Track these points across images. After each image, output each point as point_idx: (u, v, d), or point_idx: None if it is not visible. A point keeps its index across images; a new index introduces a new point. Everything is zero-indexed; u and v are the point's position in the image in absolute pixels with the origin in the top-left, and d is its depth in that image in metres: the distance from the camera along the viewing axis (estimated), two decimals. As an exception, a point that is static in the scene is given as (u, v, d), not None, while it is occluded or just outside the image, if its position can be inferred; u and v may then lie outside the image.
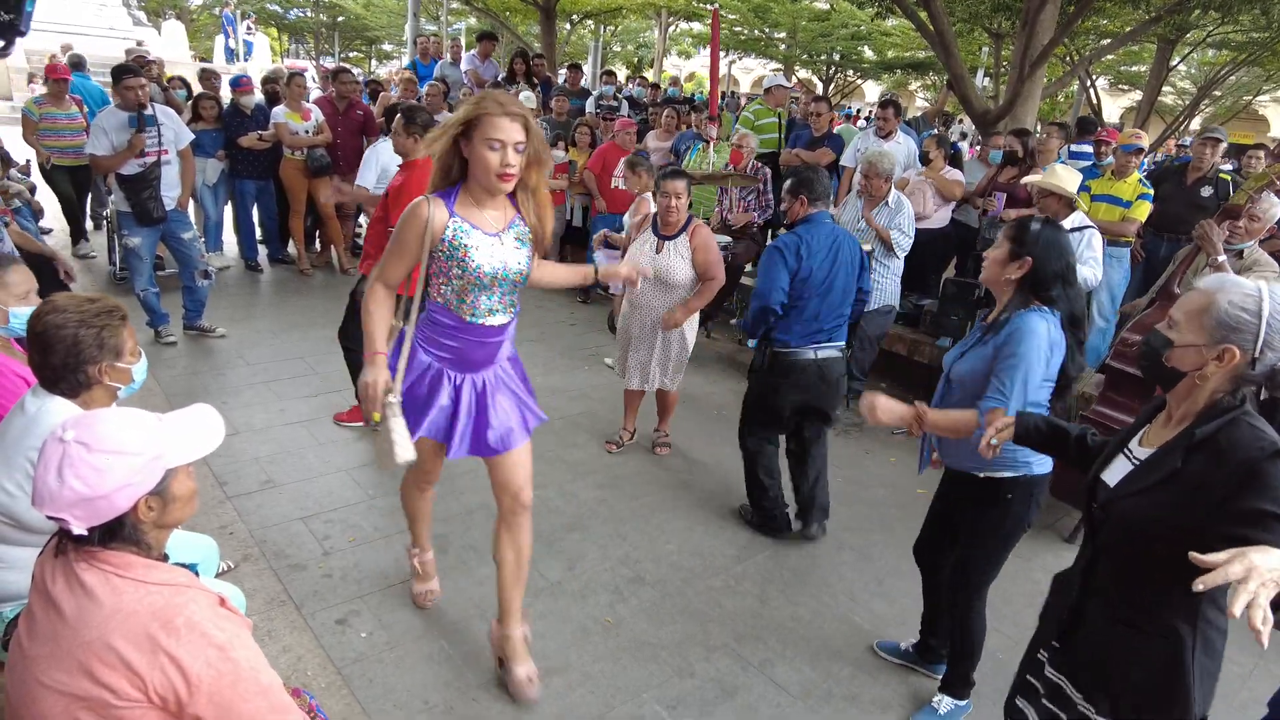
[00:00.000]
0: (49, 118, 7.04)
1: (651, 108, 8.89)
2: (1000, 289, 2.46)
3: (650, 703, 2.71)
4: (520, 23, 17.58)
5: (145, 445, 1.39)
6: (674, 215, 4.15)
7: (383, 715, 2.56)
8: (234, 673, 1.34)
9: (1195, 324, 1.59)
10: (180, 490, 1.44)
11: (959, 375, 2.48)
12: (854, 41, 20.55)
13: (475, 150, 2.26)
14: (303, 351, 5.55)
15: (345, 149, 7.15)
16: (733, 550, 3.68)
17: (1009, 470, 2.47)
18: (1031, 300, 2.38)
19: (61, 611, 1.32)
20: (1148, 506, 1.60)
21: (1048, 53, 7.19)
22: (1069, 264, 2.38)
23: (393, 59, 30.54)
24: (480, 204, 2.39)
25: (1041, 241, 2.35)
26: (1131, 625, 1.68)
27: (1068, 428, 1.98)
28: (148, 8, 23.64)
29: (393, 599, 3.10)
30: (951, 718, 2.78)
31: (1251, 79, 17.36)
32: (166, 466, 1.41)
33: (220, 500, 3.66)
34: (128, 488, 1.35)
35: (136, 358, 2.17)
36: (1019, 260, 2.37)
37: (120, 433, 1.37)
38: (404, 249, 2.36)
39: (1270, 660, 3.29)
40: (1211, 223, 3.79)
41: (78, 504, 1.31)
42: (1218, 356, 1.56)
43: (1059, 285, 2.36)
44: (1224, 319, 1.55)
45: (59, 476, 1.31)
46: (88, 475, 1.31)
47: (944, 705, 2.79)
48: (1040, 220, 2.43)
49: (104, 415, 1.40)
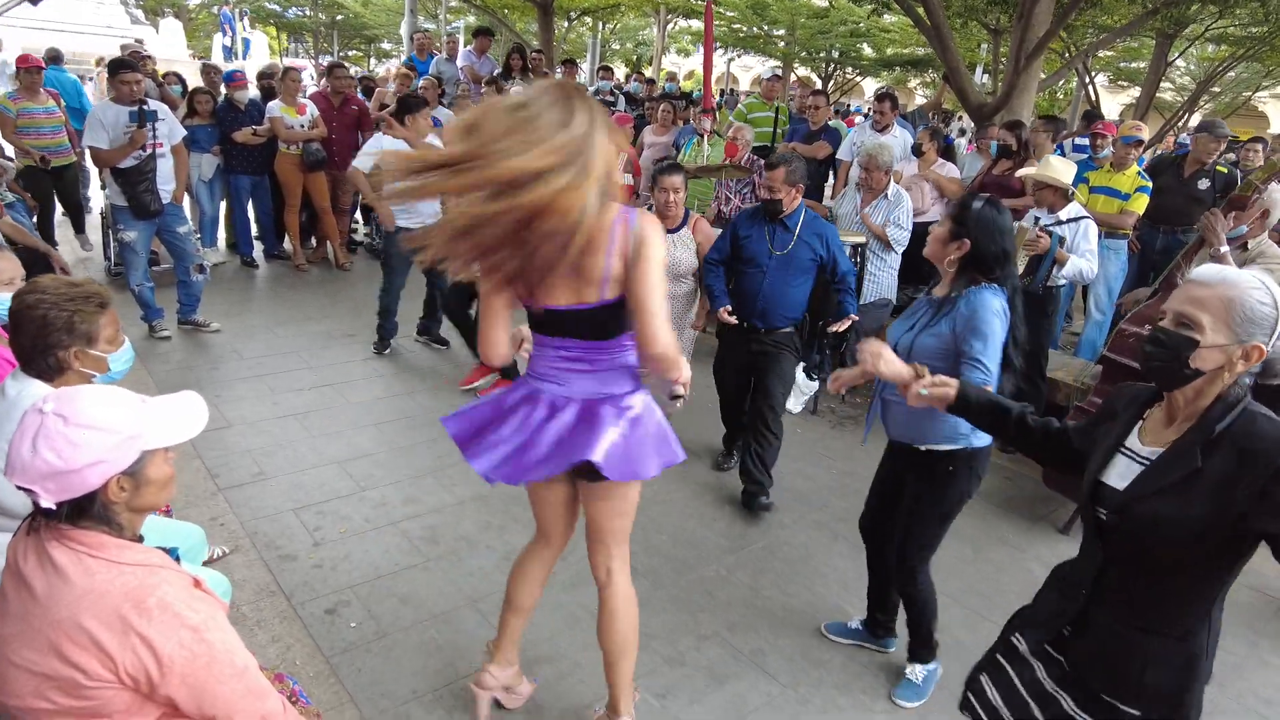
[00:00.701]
0: (26, 113, 6.58)
1: (648, 103, 8.88)
2: (943, 267, 2.50)
3: (641, 691, 2.70)
4: (518, 20, 17.55)
5: (123, 424, 1.37)
6: (673, 210, 4.16)
7: (371, 704, 2.55)
8: (208, 654, 1.33)
9: (1222, 323, 1.52)
10: (155, 474, 1.43)
11: (908, 349, 2.49)
12: (853, 38, 20.51)
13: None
14: (297, 346, 5.54)
15: (340, 144, 7.15)
16: (725, 541, 3.67)
17: (950, 443, 2.50)
18: (979, 279, 2.43)
19: (33, 590, 1.31)
20: (1172, 508, 1.53)
21: (1043, 45, 7.18)
22: (1006, 247, 2.43)
23: (391, 57, 30.50)
24: None
25: (980, 223, 2.39)
26: (1150, 630, 1.62)
27: (1008, 405, 1.93)
28: (146, 6, 23.64)
29: (382, 590, 3.09)
30: (929, 683, 2.84)
31: (1251, 74, 17.31)
32: (143, 448, 1.40)
33: (212, 492, 3.66)
34: (100, 465, 1.33)
35: (115, 346, 2.13)
36: (958, 241, 2.42)
37: (99, 409, 1.36)
38: None
39: (1264, 650, 3.28)
40: (1217, 213, 3.77)
41: (49, 476, 1.30)
42: (1244, 354, 1.51)
43: (1000, 266, 2.41)
44: (1251, 315, 1.49)
45: (33, 447, 1.30)
46: (62, 448, 1.30)
47: (919, 674, 2.84)
48: (982, 200, 2.45)
49: (86, 391, 1.39)
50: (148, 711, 1.33)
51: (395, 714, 2.52)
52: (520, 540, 3.47)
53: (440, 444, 4.23)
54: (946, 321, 2.43)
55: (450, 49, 10.03)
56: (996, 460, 4.75)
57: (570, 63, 10.01)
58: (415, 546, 3.39)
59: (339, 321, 6.11)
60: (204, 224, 7.15)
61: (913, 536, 2.68)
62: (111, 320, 2.12)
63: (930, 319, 2.49)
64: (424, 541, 3.42)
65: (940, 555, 3.51)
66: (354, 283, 7.22)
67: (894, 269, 5.36)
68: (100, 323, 2.06)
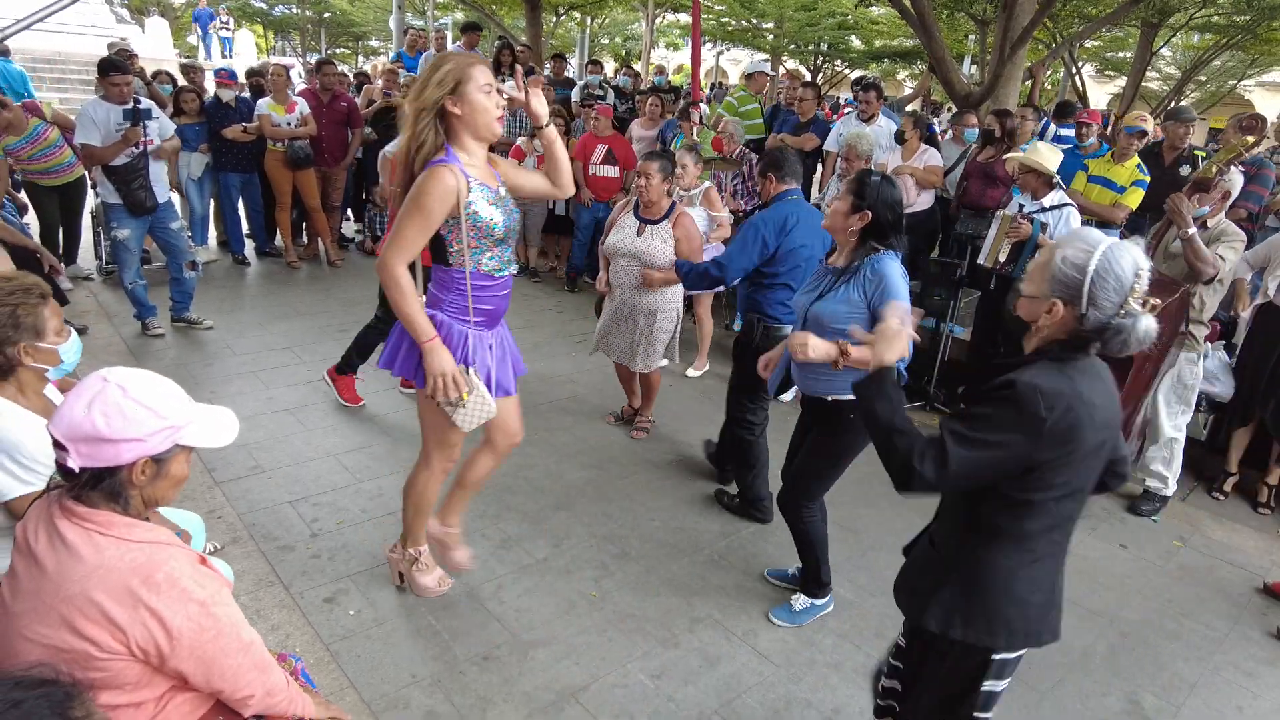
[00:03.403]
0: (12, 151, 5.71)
1: (636, 96, 8.90)
2: (844, 238, 2.73)
3: (635, 673, 2.76)
4: (506, 15, 17.52)
5: (172, 412, 1.45)
6: (645, 195, 4.07)
7: (370, 689, 2.59)
8: (215, 628, 1.38)
9: (1037, 277, 1.65)
10: (176, 470, 1.49)
11: (818, 315, 2.70)
12: (841, 31, 20.55)
13: (470, 102, 2.36)
14: (290, 342, 5.57)
15: (329, 140, 7.16)
16: (718, 526, 3.72)
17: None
18: (877, 247, 2.65)
19: (44, 567, 1.35)
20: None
21: (1028, 35, 7.24)
22: (899, 214, 2.68)
23: (380, 54, 30.43)
24: (475, 161, 2.47)
25: (880, 195, 2.62)
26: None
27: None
28: (131, 5, 23.48)
29: (380, 578, 3.13)
30: (807, 614, 3.10)
31: (1236, 63, 17.46)
32: (178, 441, 1.47)
33: (209, 486, 3.69)
34: (138, 443, 1.40)
35: (62, 337, 2.09)
36: (859, 213, 2.63)
37: (157, 391, 1.44)
38: (429, 219, 2.37)
39: (1244, 624, 3.36)
40: (1182, 196, 3.84)
41: (90, 439, 1.36)
42: (1048, 310, 1.61)
43: (895, 233, 2.67)
44: (1056, 274, 1.60)
45: (87, 408, 1.36)
46: (113, 416, 1.36)
47: (799, 602, 3.11)
48: (878, 175, 2.67)
49: (146, 374, 1.47)
50: (157, 684, 1.38)
51: (395, 698, 2.57)
52: (514, 529, 3.53)
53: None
54: (854, 287, 2.64)
55: (439, 45, 10.03)
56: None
57: (559, 57, 10.02)
58: (412, 536, 3.43)
59: (332, 317, 6.13)
60: (194, 222, 7.14)
61: (805, 472, 2.97)
62: (55, 311, 2.08)
63: (833, 286, 2.70)
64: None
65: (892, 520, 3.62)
66: (345, 279, 7.24)
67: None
68: (44, 314, 2.02)
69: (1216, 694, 2.93)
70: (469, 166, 2.43)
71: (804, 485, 2.98)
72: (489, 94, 2.38)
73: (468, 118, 2.38)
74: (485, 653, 2.78)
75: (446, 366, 2.46)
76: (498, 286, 2.60)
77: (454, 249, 2.47)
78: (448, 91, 2.35)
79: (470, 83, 2.34)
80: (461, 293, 2.53)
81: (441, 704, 2.56)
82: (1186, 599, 3.49)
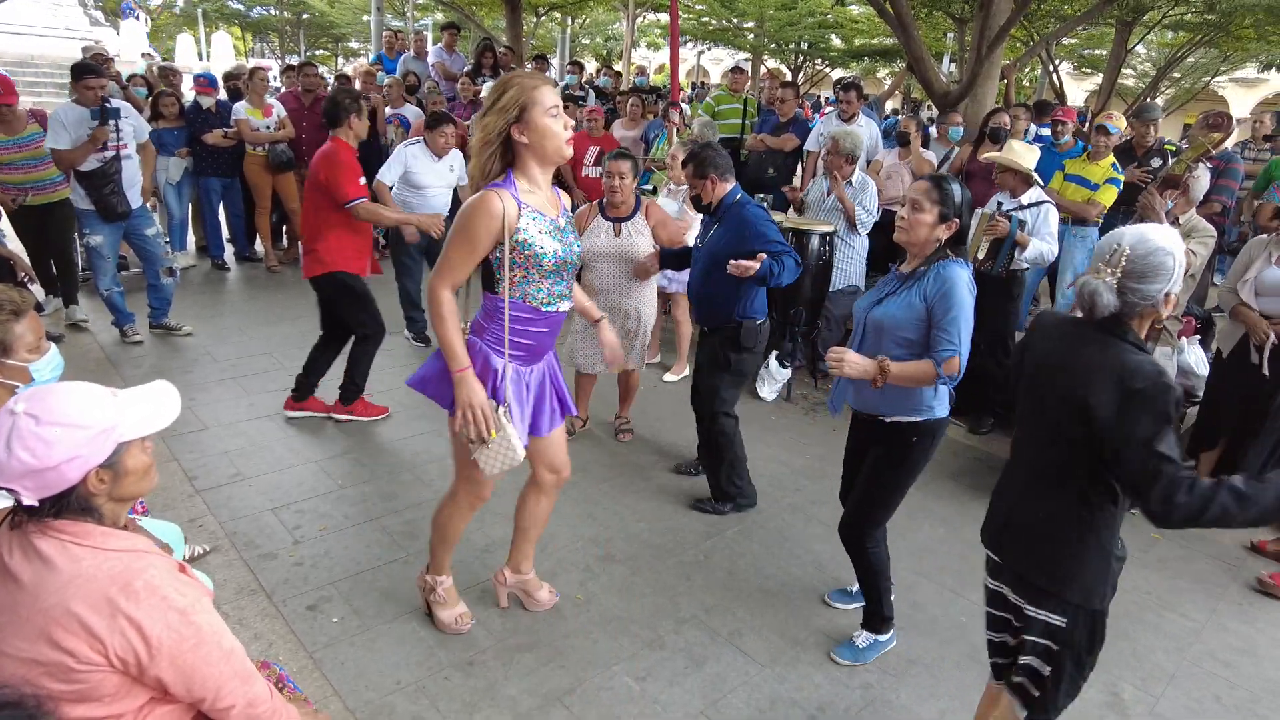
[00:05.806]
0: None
1: (617, 97, 8.91)
2: (925, 248, 2.56)
3: (620, 675, 2.76)
4: (486, 16, 17.46)
5: (96, 418, 1.39)
6: (617, 196, 4.06)
7: (354, 696, 2.58)
8: (196, 636, 1.36)
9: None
10: (133, 464, 1.45)
11: (878, 320, 2.59)
12: (821, 30, 20.65)
13: (537, 126, 2.26)
14: (270, 347, 5.53)
15: (310, 143, 7.08)
16: (702, 527, 3.73)
17: (914, 415, 2.63)
18: (948, 254, 2.55)
19: (20, 581, 1.33)
20: None
21: (1004, 34, 7.28)
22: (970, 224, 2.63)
23: (359, 56, 30.24)
24: (536, 189, 2.37)
25: (965, 203, 2.54)
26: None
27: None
28: (106, 7, 23.19)
29: (364, 585, 3.12)
30: (871, 651, 2.93)
31: (1209, 60, 17.68)
32: (119, 440, 1.43)
33: (190, 494, 3.66)
34: (76, 460, 1.36)
35: (37, 354, 2.05)
36: (948, 222, 2.52)
37: (70, 406, 1.38)
38: (475, 246, 2.28)
39: (1223, 615, 3.40)
40: (1154, 192, 3.90)
41: (26, 475, 1.33)
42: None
43: (964, 241, 2.60)
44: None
45: (7, 448, 1.32)
46: (35, 447, 1.32)
47: (863, 639, 2.95)
48: (956, 181, 2.58)
49: (57, 389, 1.41)
50: (137, 694, 1.37)
51: (379, 705, 2.56)
52: (500, 533, 3.52)
53: (419, 440, 4.25)
54: (916, 292, 2.53)
55: (418, 47, 9.99)
56: (969, 442, 4.86)
57: (541, 58, 10.02)
58: (396, 541, 3.41)
59: (312, 321, 6.03)
60: (173, 227, 7.08)
61: (866, 501, 2.79)
62: (31, 327, 2.04)
63: (895, 290, 2.61)
64: (404, 536, 3.45)
65: (917, 536, 3.63)
66: (327, 283, 7.18)
67: (862, 256, 5.46)
68: (15, 331, 1.98)
69: (1195, 684, 2.97)
70: (526, 193, 2.33)
71: (868, 513, 2.79)
72: (556, 116, 2.27)
73: (535, 145, 2.29)
74: (469, 658, 2.77)
75: (476, 398, 2.35)
76: (542, 322, 2.48)
77: (500, 277, 2.37)
78: (513, 120, 2.25)
79: (536, 107, 2.24)
80: (501, 323, 2.42)
81: (426, 710, 2.55)
82: (1165, 591, 3.54)
